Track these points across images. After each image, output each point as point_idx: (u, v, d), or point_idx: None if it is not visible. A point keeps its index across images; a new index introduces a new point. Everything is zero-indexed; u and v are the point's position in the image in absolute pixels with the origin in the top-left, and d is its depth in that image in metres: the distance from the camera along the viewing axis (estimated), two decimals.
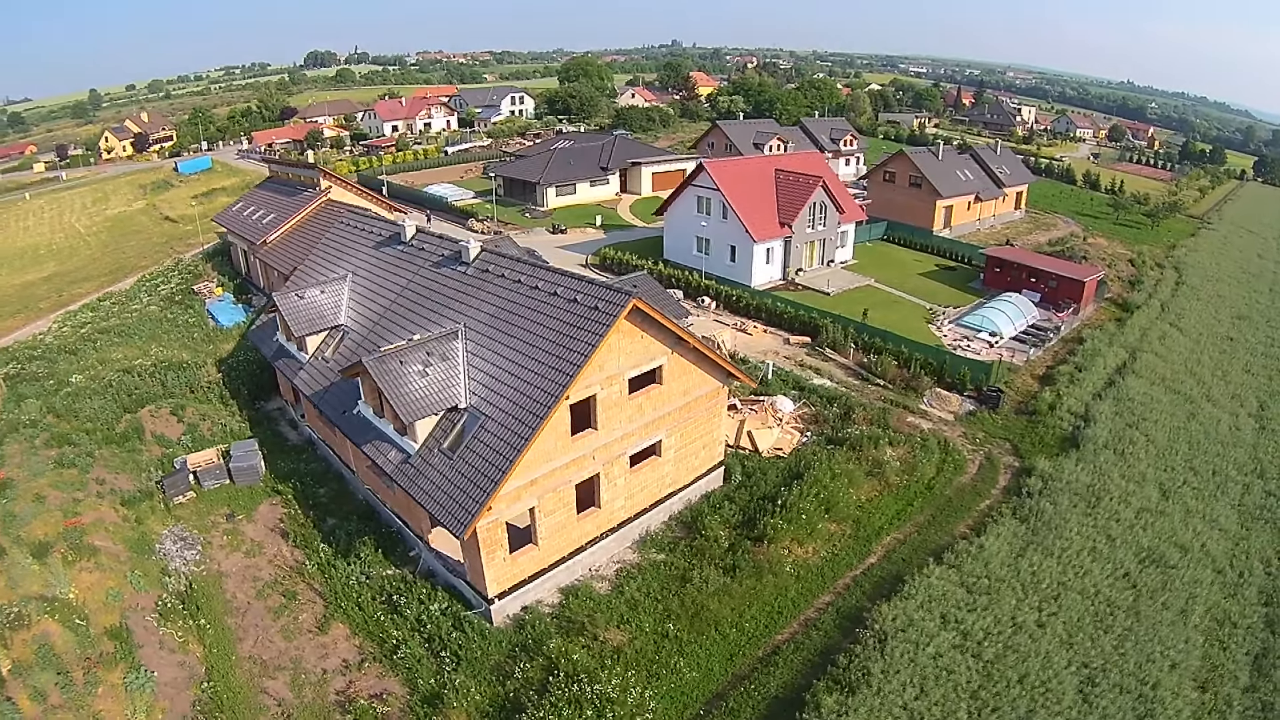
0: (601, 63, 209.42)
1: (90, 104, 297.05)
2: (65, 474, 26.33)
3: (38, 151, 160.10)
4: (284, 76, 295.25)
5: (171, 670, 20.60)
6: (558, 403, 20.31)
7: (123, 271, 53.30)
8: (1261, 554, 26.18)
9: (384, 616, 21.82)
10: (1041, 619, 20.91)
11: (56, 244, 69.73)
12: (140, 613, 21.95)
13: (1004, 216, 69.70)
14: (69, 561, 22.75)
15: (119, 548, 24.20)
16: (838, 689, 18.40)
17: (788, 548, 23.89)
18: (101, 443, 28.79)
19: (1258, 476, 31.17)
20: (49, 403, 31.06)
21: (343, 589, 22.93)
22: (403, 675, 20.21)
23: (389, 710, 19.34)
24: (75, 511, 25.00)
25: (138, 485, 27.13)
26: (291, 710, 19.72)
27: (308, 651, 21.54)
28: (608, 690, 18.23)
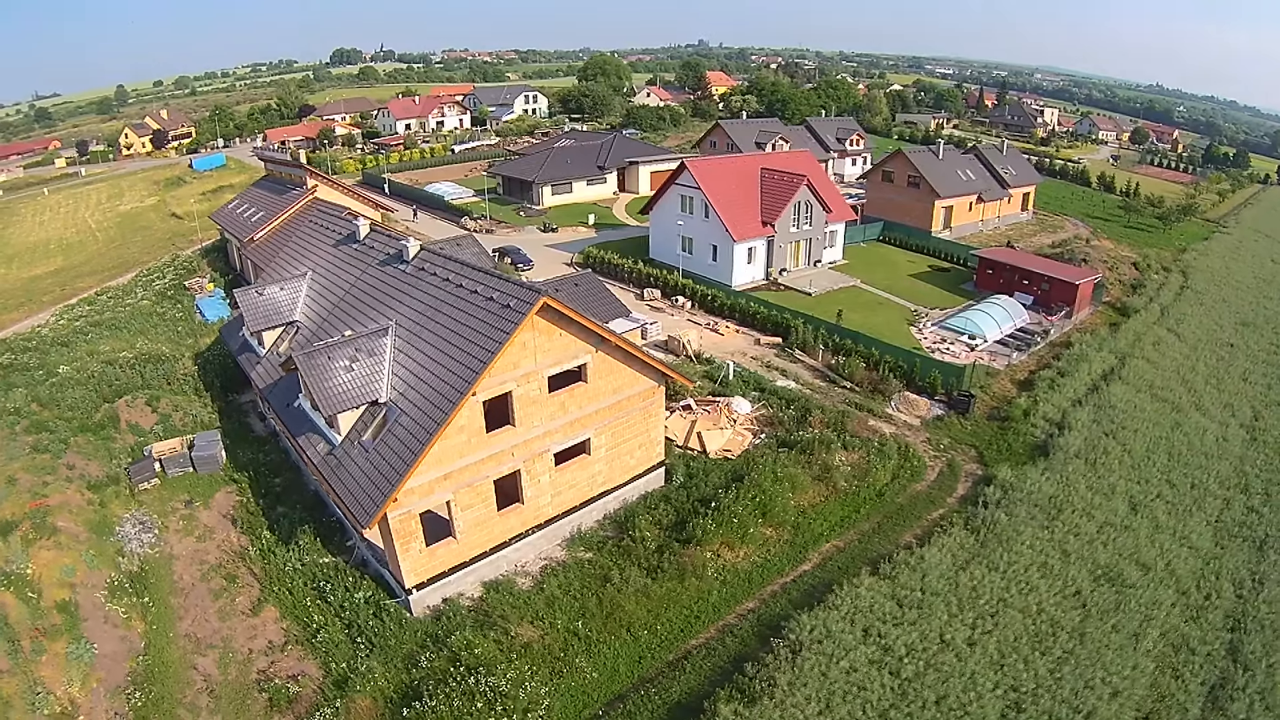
0: (621, 62, 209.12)
1: (117, 100, 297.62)
2: (39, 459, 27.16)
3: (61, 147, 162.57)
4: (308, 74, 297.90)
5: (113, 644, 21.24)
6: (463, 399, 19.78)
7: (125, 267, 53.92)
8: (1234, 575, 24.54)
9: (311, 602, 22.08)
10: (973, 637, 19.65)
11: (67, 239, 70.80)
12: (90, 590, 22.58)
13: (1009, 218, 67.61)
14: (30, 540, 23.53)
15: (80, 529, 24.85)
16: (738, 698, 17.51)
17: (717, 551, 22.95)
18: (77, 430, 29.39)
19: (1241, 491, 29.41)
20: (35, 392, 31.75)
21: (278, 574, 23.22)
22: (320, 658, 20.50)
23: (301, 690, 19.69)
24: (43, 494, 25.77)
25: (106, 471, 27.64)
26: (215, 686, 20.30)
27: (239, 632, 21.94)
28: (502, 684, 18.02)
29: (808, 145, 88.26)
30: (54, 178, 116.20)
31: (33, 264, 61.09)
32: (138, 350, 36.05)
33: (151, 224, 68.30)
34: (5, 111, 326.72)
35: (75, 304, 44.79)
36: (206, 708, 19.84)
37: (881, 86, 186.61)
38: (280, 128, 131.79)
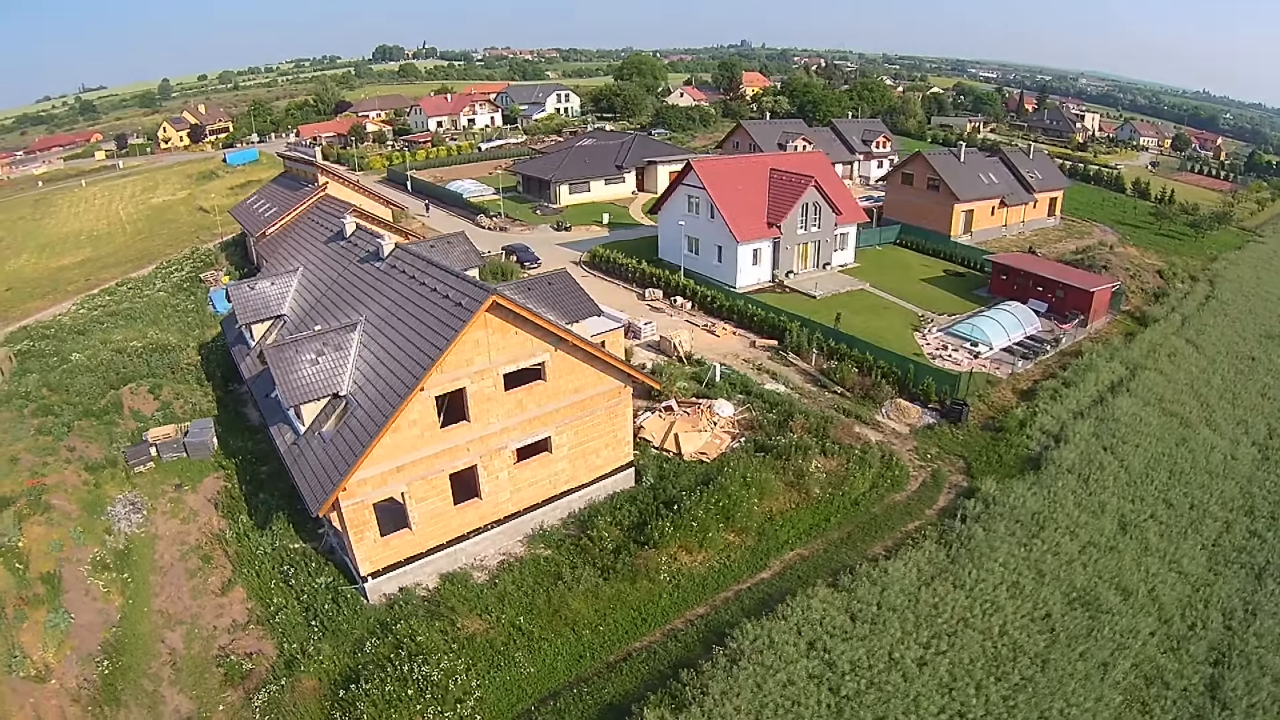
0: (657, 61, 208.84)
1: (160, 94, 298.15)
2: (42, 440, 28.41)
3: (102, 140, 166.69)
4: (350, 70, 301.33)
5: (90, 615, 22.09)
6: (410, 395, 19.79)
7: (148, 259, 55.57)
8: (1225, 604, 23.11)
9: (275, 585, 22.58)
10: (925, 657, 18.86)
11: (98, 230, 73.28)
12: (75, 564, 23.52)
13: (1035, 223, 65.48)
14: (23, 515, 24.67)
15: (73, 507, 25.86)
16: (667, 704, 17.17)
17: (674, 554, 22.57)
18: (82, 415, 30.51)
19: (1245, 513, 27.83)
20: (46, 378, 33.08)
21: (250, 558, 23.77)
22: (276, 638, 21.00)
23: (254, 668, 20.27)
24: (41, 473, 26.92)
25: (105, 454, 28.62)
26: (179, 660, 20.99)
27: (207, 610, 22.60)
28: (434, 674, 18.29)
29: (832, 147, 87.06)
30: (92, 170, 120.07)
31: (63, 254, 63.28)
32: (147, 340, 37.14)
33: (179, 217, 70.30)
34: (52, 104, 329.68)
35: (96, 294, 46.28)
36: (168, 679, 20.45)
37: (921, 89, 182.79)
38: (313, 124, 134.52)
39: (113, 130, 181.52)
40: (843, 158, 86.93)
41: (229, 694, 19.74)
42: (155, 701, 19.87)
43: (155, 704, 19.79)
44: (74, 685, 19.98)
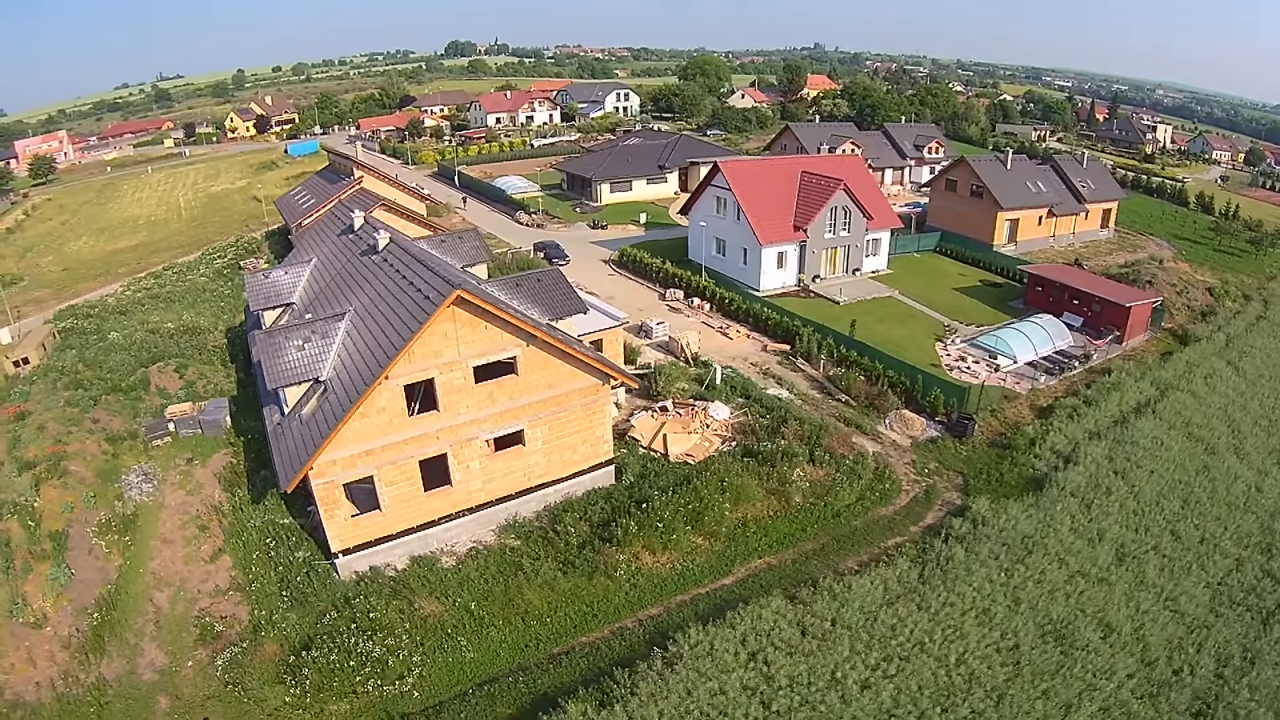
0: (721, 62, 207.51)
1: (234, 84, 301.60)
2: (69, 412, 30.41)
3: (173, 128, 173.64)
4: (421, 65, 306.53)
5: (89, 572, 23.62)
6: (375, 383, 20.34)
7: (196, 245, 58.49)
8: (1221, 649, 21.13)
9: (259, 556, 23.62)
10: (871, 680, 18.05)
11: (156, 216, 77.29)
12: (83, 525, 25.16)
13: (1086, 234, 62.21)
14: (41, 478, 26.57)
15: (89, 474, 27.58)
16: (592, 701, 17.15)
17: (636, 554, 22.50)
18: (110, 390, 32.49)
19: (1261, 551, 25.66)
20: (83, 354, 35.37)
21: (240, 530, 24.89)
22: (251, 605, 22.05)
23: (224, 630, 21.43)
24: (64, 441, 28.60)
25: (127, 427, 30.37)
26: (161, 618, 22.30)
27: (195, 575, 23.82)
28: (375, 650, 18.98)
29: (884, 151, 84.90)
30: (159, 157, 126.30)
31: (119, 238, 67.01)
32: (181, 322, 39.13)
33: (233, 206, 73.65)
34: (130, 91, 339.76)
35: (143, 277, 48.98)
36: (149, 634, 21.73)
37: (990, 96, 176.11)
38: (373, 117, 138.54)
39: (184, 119, 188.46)
40: (894, 162, 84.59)
41: (199, 652, 20.80)
42: (135, 653, 21.08)
43: (134, 655, 21.00)
44: (66, 633, 21.39)
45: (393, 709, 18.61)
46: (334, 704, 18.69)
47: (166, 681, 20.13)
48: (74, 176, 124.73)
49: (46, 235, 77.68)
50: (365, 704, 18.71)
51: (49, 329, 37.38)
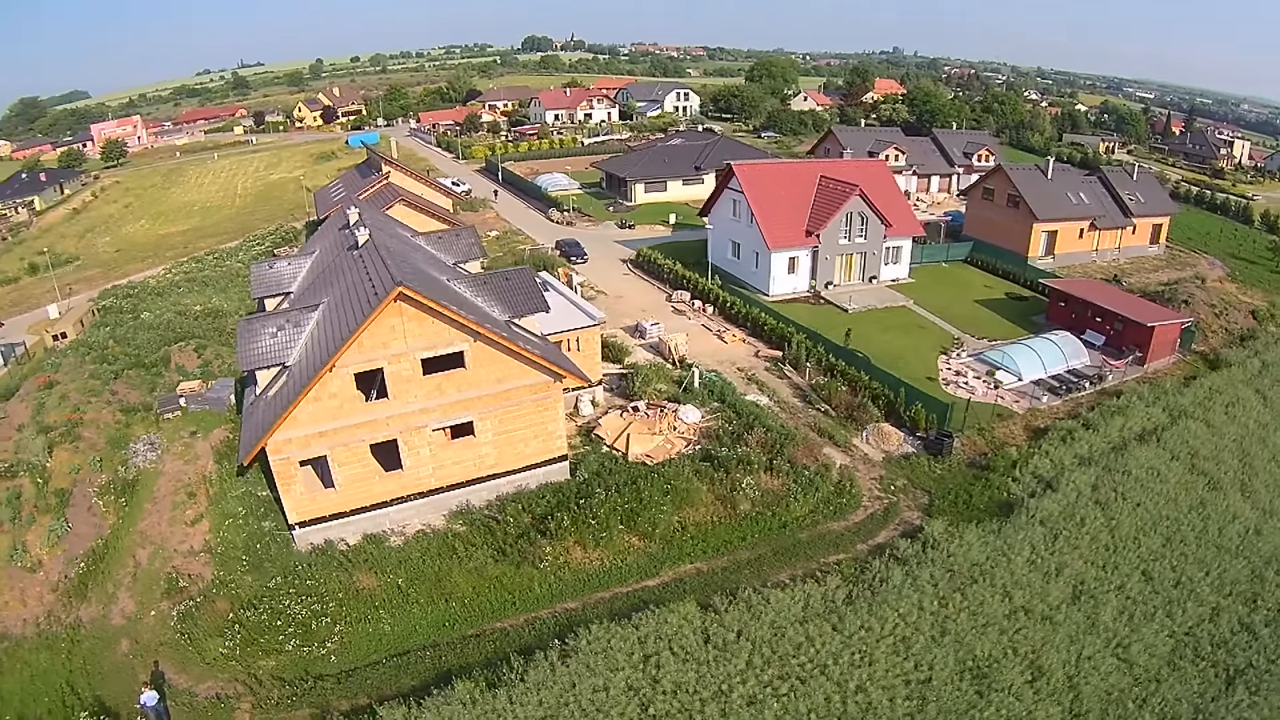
0: (788, 64, 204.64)
1: (310, 74, 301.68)
2: (91, 383, 33.05)
3: (245, 115, 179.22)
4: (495, 59, 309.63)
5: (86, 528, 25.74)
6: (323, 371, 21.36)
7: (241, 232, 61.80)
8: (1168, 709, 19.17)
9: (231, 523, 25.22)
10: (759, 696, 17.57)
11: (211, 202, 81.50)
12: (86, 485, 27.36)
13: (1132, 249, 58.67)
14: (55, 442, 28.95)
15: (99, 440, 29.95)
16: (483, 681, 17.76)
17: (569, 548, 22.94)
18: (132, 365, 35.15)
19: (1243, 602, 23.39)
20: (115, 331, 38.23)
21: (221, 498, 26.57)
22: (215, 566, 23.64)
23: (188, 586, 23.04)
24: (81, 409, 30.96)
25: (142, 400, 32.78)
26: (138, 572, 24.14)
27: (175, 536, 25.55)
28: (300, 613, 20.46)
29: (931, 158, 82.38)
30: (227, 144, 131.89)
31: (174, 222, 71.07)
32: (207, 305, 41.58)
33: (284, 195, 77.17)
34: (210, 77, 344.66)
35: (185, 261, 52.17)
36: (126, 585, 23.58)
37: (1064, 105, 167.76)
38: (433, 111, 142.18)
39: (258, 107, 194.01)
40: (940, 169, 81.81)
41: (164, 604, 22.43)
42: (110, 601, 22.94)
43: (109, 603, 22.86)
44: (55, 579, 23.48)
45: (311, 669, 19.81)
46: (262, 659, 20.00)
47: (131, 627, 21.86)
48: (144, 161, 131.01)
49: (108, 217, 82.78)
50: (289, 662, 19.97)
51: (90, 307, 40.31)
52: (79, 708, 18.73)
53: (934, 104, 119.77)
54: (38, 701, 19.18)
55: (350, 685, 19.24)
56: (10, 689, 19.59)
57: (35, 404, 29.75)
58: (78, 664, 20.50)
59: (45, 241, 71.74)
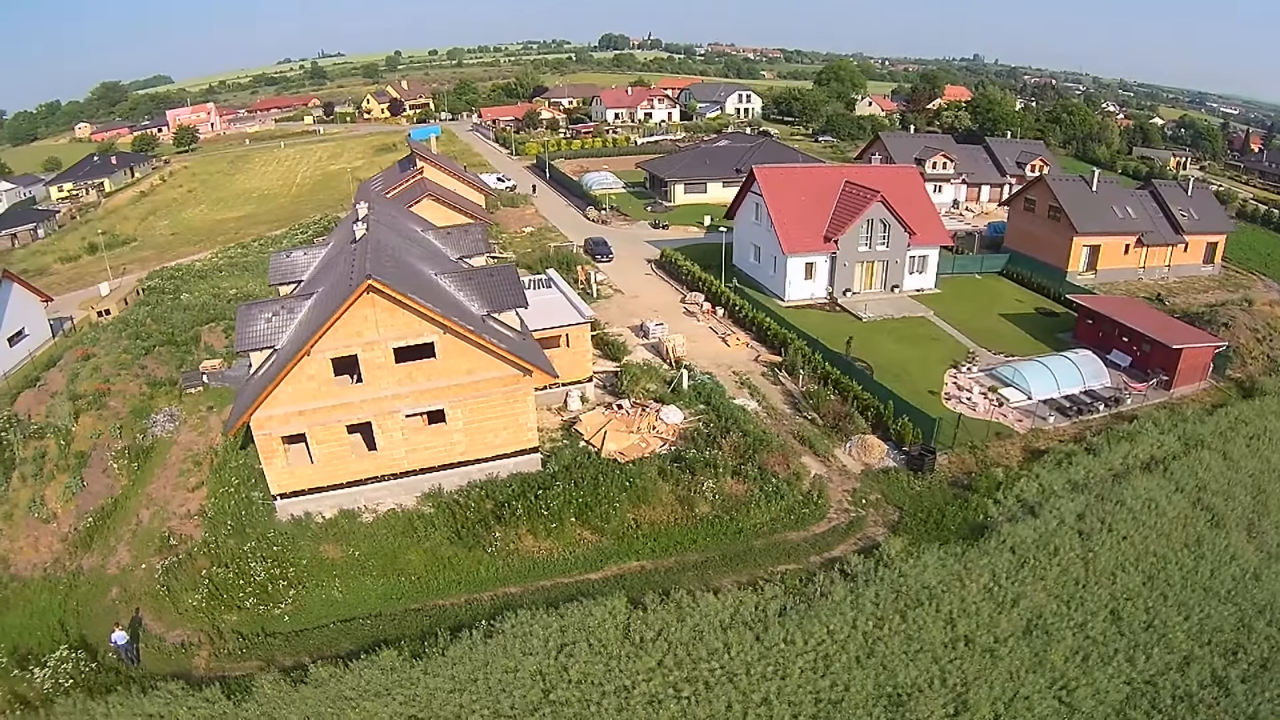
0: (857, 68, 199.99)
1: (387, 65, 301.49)
2: (123, 357, 35.83)
3: (318, 105, 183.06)
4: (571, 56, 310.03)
5: (98, 487, 28.18)
6: (298, 355, 22.63)
7: (289, 220, 64.82)
8: None
9: (225, 490, 26.98)
10: (661, 697, 17.40)
11: (269, 190, 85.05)
12: (105, 449, 29.86)
13: (1184, 268, 54.88)
14: (82, 409, 31.45)
15: (124, 409, 32.38)
16: (408, 651, 18.83)
17: (521, 536, 23.52)
18: (164, 342, 37.83)
19: (1222, 654, 21.19)
20: (154, 310, 41.10)
21: (221, 468, 28.47)
22: (205, 528, 25.40)
23: (177, 544, 24.85)
24: (111, 381, 33.48)
25: (169, 375, 35.25)
26: (139, 529, 26.25)
27: (175, 499, 27.59)
28: (259, 573, 21.94)
29: (982, 167, 79.24)
30: (296, 133, 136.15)
31: (231, 208, 74.45)
32: (242, 290, 43.99)
33: (339, 185, 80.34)
34: (290, 66, 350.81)
35: (231, 247, 55.07)
36: (125, 540, 25.67)
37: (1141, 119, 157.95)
38: (495, 106, 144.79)
39: (330, 98, 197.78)
40: (991, 179, 78.47)
41: (154, 558, 24.30)
42: (110, 552, 25.09)
43: (109, 554, 25.00)
44: (65, 530, 25.79)
45: (267, 626, 21.22)
46: (224, 614, 21.50)
47: (122, 577, 23.83)
48: (214, 147, 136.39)
49: (171, 201, 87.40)
50: (247, 618, 21.41)
51: (136, 286, 43.29)
52: (64, 642, 20.52)
53: (996, 111, 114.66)
54: (32, 635, 21.19)
55: (296, 644, 20.53)
56: (12, 623, 21.68)
57: (71, 373, 32.43)
58: (72, 605, 22.49)
59: (109, 222, 76.62)
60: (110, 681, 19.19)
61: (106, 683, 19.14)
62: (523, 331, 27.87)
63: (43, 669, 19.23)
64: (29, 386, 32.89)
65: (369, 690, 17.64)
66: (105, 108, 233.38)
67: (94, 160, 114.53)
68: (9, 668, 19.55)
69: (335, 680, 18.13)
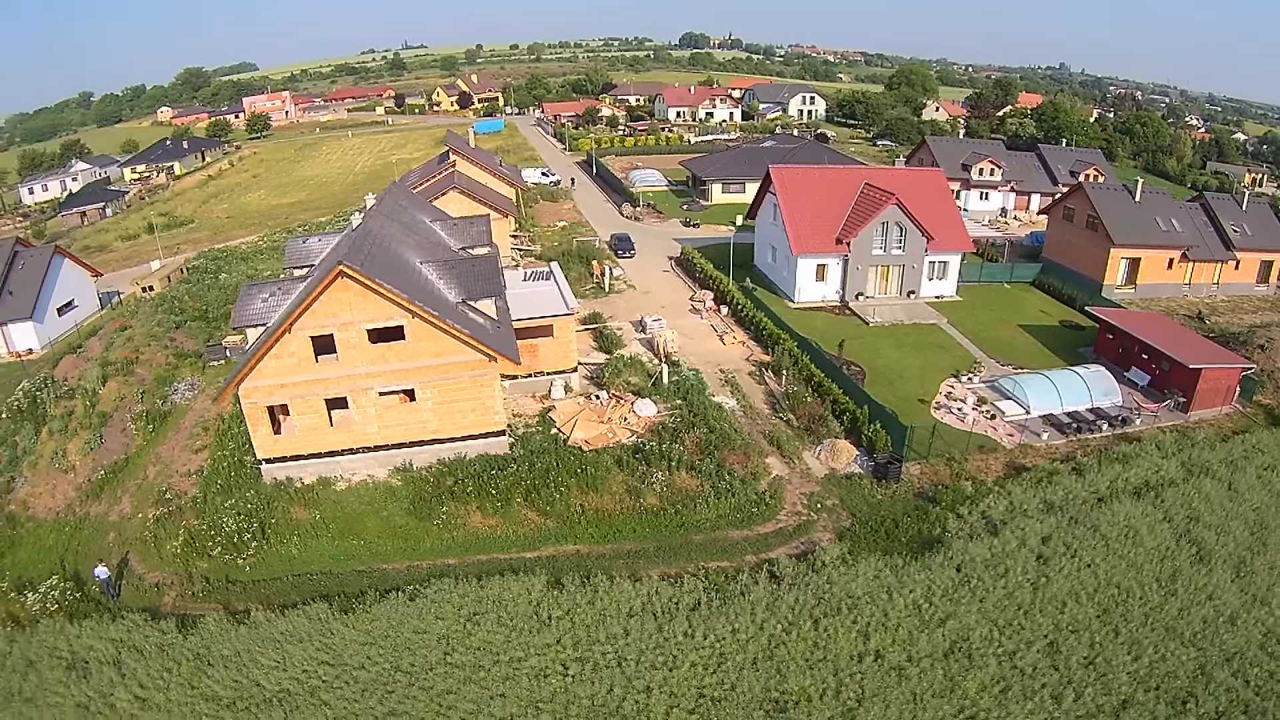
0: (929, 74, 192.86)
1: (466, 58, 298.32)
2: (155, 330, 38.40)
3: (392, 96, 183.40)
4: (649, 54, 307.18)
5: (115, 445, 30.68)
6: (277, 333, 24.05)
7: (338, 207, 67.27)
8: None
9: (223, 454, 28.82)
10: (547, 670, 17.93)
11: (328, 178, 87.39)
12: (126, 411, 32.41)
13: (1235, 287, 50.53)
14: (110, 374, 34.22)
15: (148, 376, 35.04)
16: (337, 606, 20.52)
17: (469, 513, 24.29)
18: (195, 318, 40.33)
19: (1168, 701, 19.10)
20: (193, 289, 43.90)
21: (225, 433, 30.37)
22: (200, 486, 27.29)
23: (172, 499, 26.77)
24: (141, 351, 36.25)
25: (195, 348, 37.65)
26: (144, 484, 28.46)
27: (180, 459, 29.73)
28: (229, 526, 23.52)
29: (1034, 175, 75.06)
30: (366, 123, 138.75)
31: (287, 194, 76.95)
32: (276, 271, 46.40)
33: (395, 175, 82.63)
34: (371, 57, 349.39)
35: (278, 231, 57.86)
36: (130, 493, 27.88)
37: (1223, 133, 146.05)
38: (557, 102, 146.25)
39: (407, 89, 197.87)
40: (1043, 187, 74.16)
41: (151, 510, 26.35)
42: (115, 502, 27.37)
43: (114, 503, 27.28)
44: (81, 481, 28.18)
45: (230, 575, 22.92)
46: (196, 561, 23.25)
47: (121, 524, 25.99)
48: (285, 134, 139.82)
49: (234, 185, 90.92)
50: (214, 566, 23.13)
51: (183, 265, 46.42)
52: (59, 574, 22.69)
53: (1062, 119, 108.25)
54: (35, 568, 23.52)
55: (251, 591, 22.14)
56: (20, 557, 24.12)
57: (107, 342, 35.26)
58: (74, 546, 24.78)
59: (173, 205, 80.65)
60: (89, 609, 21.24)
61: (85, 610, 21.19)
62: (498, 320, 28.62)
63: (35, 594, 21.34)
64: (70, 352, 35.96)
65: (295, 635, 19.01)
66: (188, 93, 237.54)
67: (166, 144, 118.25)
68: (7, 591, 21.84)
69: (270, 624, 19.61)
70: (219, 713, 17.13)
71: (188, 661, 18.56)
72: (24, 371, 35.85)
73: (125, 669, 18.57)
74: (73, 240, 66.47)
